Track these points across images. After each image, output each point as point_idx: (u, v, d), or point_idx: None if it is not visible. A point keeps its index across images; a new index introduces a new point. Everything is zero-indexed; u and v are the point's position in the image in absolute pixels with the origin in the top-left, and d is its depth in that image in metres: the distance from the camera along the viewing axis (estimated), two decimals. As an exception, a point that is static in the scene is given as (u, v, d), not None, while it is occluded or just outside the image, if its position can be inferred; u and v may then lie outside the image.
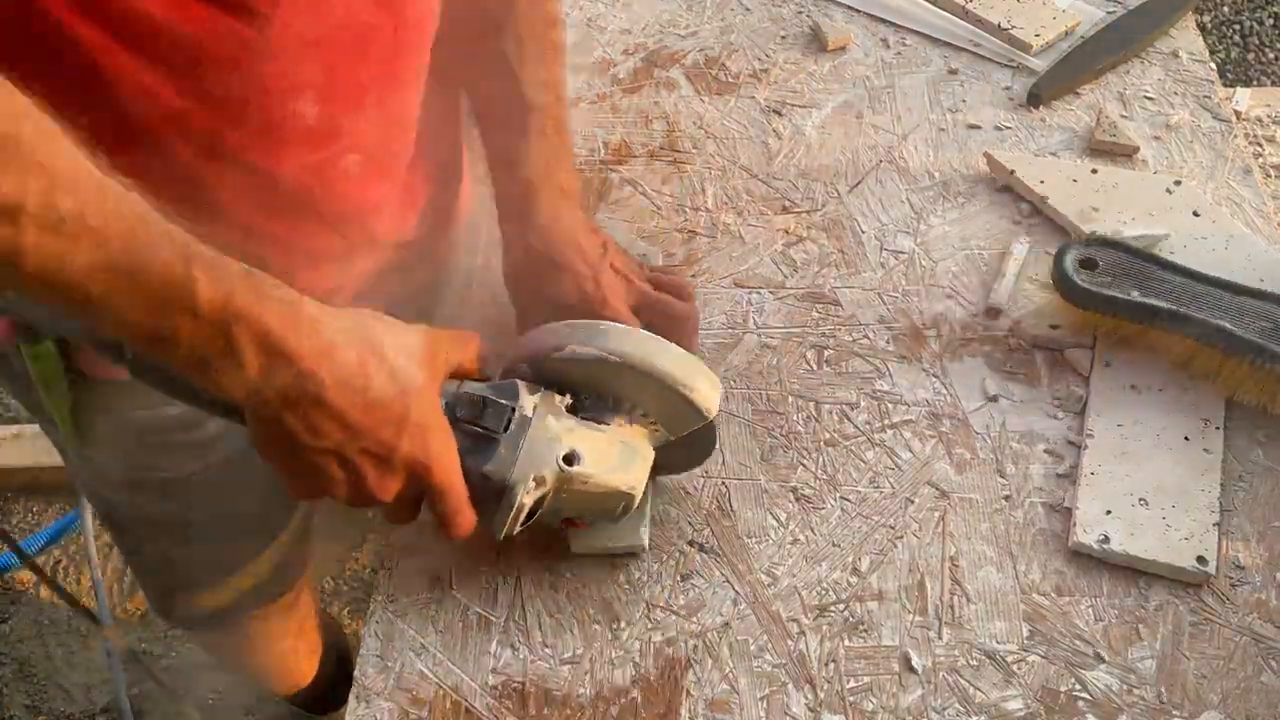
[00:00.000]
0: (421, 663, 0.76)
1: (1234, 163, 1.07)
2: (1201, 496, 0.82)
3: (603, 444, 0.73)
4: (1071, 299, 0.89)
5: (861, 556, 0.80)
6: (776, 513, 0.82)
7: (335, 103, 0.72)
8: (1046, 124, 1.12)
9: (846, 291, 0.97)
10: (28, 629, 1.74)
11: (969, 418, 0.88)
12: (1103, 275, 0.89)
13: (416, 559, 0.80)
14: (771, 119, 1.12)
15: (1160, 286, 0.89)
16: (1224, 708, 0.73)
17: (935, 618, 0.77)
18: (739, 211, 1.04)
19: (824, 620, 0.77)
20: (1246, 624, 0.77)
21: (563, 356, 0.72)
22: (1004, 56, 1.18)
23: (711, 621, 0.77)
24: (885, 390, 0.90)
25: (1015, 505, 0.83)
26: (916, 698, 0.74)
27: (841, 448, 0.86)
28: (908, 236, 1.01)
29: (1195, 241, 0.97)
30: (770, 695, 0.74)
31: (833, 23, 1.22)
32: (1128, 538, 0.79)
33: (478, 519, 0.70)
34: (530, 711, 0.73)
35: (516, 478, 0.69)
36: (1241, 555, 0.80)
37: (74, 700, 1.68)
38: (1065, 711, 0.73)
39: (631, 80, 1.17)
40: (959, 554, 0.80)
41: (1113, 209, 1.00)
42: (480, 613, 0.78)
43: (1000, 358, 0.92)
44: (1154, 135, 1.10)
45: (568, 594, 0.79)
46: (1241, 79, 2.63)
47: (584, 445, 0.71)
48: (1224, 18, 2.77)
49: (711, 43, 1.21)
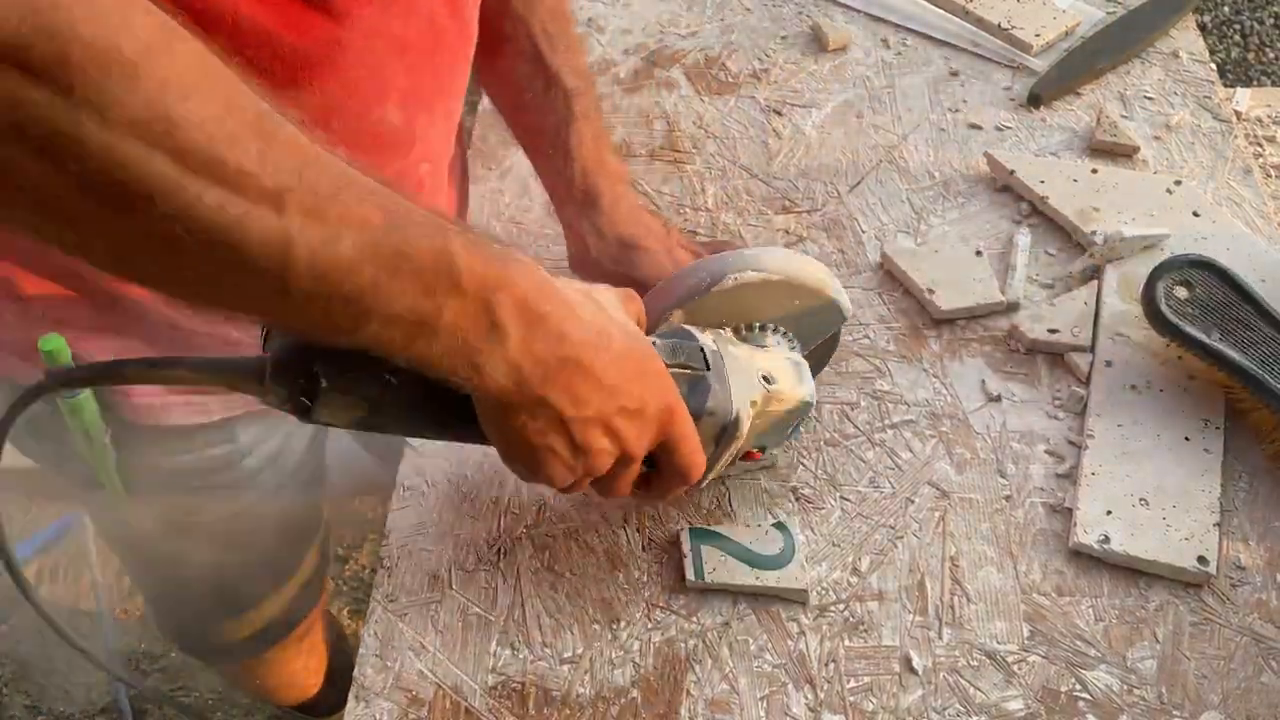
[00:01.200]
0: (421, 662, 0.76)
1: (1234, 163, 1.07)
2: (1202, 496, 0.82)
3: (778, 362, 0.74)
4: (1151, 320, 0.86)
5: (861, 556, 0.80)
6: (776, 512, 0.82)
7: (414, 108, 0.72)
8: (1047, 124, 1.12)
9: (846, 291, 0.96)
10: (28, 629, 1.74)
11: (969, 418, 0.88)
12: (1189, 305, 0.85)
13: (416, 559, 0.80)
14: (771, 119, 1.12)
15: (1245, 335, 0.85)
16: (1224, 708, 0.73)
17: (935, 618, 0.77)
18: (739, 211, 1.04)
19: (824, 620, 0.77)
20: (1247, 624, 0.77)
21: (724, 287, 0.73)
22: (1004, 57, 1.18)
23: (711, 621, 0.77)
24: (885, 390, 0.90)
25: (1016, 505, 0.83)
26: (917, 698, 0.74)
27: (841, 447, 0.86)
28: (908, 236, 1.01)
29: (1195, 242, 0.97)
30: (770, 695, 0.74)
31: (833, 23, 1.22)
32: (1128, 538, 0.79)
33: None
34: (530, 711, 0.73)
35: (738, 406, 0.69)
36: (1242, 555, 0.80)
37: (74, 700, 1.68)
38: (1065, 712, 0.73)
39: (632, 80, 1.17)
40: (959, 554, 0.80)
41: (1113, 209, 1.00)
42: (480, 613, 0.78)
43: (1000, 358, 0.92)
44: (1154, 135, 1.10)
45: (568, 594, 0.79)
46: (1241, 79, 2.63)
47: (768, 365, 0.73)
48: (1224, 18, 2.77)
49: (712, 43, 1.21)
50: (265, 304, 0.50)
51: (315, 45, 0.64)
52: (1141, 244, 0.97)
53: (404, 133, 0.73)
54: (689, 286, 0.73)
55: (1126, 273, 0.95)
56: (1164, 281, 0.86)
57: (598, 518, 0.82)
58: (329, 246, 0.48)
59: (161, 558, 1.00)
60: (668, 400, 0.64)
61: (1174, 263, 0.87)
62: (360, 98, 0.68)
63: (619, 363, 0.60)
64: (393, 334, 0.52)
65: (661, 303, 0.74)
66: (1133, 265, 0.96)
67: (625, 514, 0.82)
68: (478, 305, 0.53)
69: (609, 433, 0.62)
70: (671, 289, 0.74)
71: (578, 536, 0.81)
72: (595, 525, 0.82)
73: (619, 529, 0.82)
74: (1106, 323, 0.92)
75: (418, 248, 0.51)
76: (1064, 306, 0.94)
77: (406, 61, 0.70)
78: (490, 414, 0.59)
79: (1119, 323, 0.92)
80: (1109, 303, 0.93)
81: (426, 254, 0.51)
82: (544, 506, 0.83)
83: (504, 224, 1.03)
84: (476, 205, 1.04)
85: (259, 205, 0.45)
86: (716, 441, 0.70)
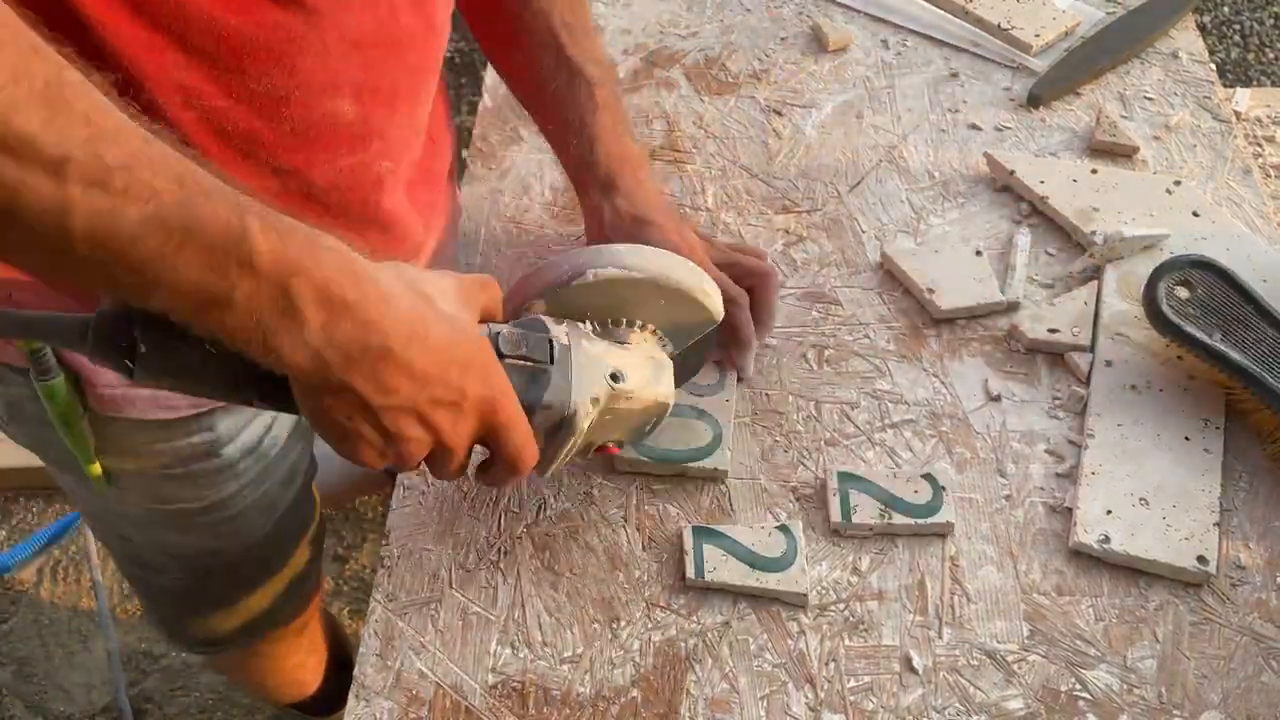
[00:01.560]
0: (421, 662, 0.76)
1: (1234, 163, 1.07)
2: (1202, 496, 0.82)
3: (634, 361, 0.74)
4: (1153, 321, 0.87)
5: (861, 556, 0.80)
6: (777, 512, 0.82)
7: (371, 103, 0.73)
8: (1046, 124, 1.12)
9: (846, 291, 0.97)
10: (28, 629, 1.74)
11: (969, 417, 0.88)
12: (1190, 306, 0.86)
13: (416, 559, 0.80)
14: (771, 119, 1.12)
15: (1246, 335, 0.85)
16: (1224, 708, 0.73)
17: (935, 617, 0.77)
18: (739, 211, 1.04)
19: (824, 620, 0.77)
20: (1247, 624, 0.77)
21: (584, 281, 0.72)
22: (1004, 57, 1.18)
23: (711, 621, 0.77)
24: (885, 390, 0.90)
25: (1015, 505, 0.83)
26: (917, 697, 0.74)
27: (842, 447, 0.86)
28: (908, 236, 1.01)
29: (1195, 242, 0.97)
30: (770, 695, 0.74)
31: (833, 23, 1.22)
32: (1128, 537, 0.79)
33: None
34: (530, 711, 0.73)
35: (577, 402, 0.69)
36: (1242, 555, 0.80)
37: (74, 700, 1.68)
38: (1065, 711, 0.73)
39: (632, 80, 1.17)
40: (959, 554, 0.80)
41: (1113, 209, 1.00)
42: (480, 612, 0.78)
43: (1000, 357, 0.92)
44: (1154, 135, 1.10)
45: (568, 593, 0.79)
46: (1241, 79, 2.63)
47: (621, 363, 0.72)
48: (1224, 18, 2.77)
49: (711, 43, 1.21)
50: (48, 262, 0.51)
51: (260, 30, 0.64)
52: (1141, 244, 0.97)
53: (359, 127, 0.73)
54: (550, 278, 0.73)
55: (1126, 273, 0.95)
56: (1165, 282, 0.86)
57: (598, 517, 0.82)
58: (109, 216, 0.48)
59: (144, 544, 1.00)
60: (490, 391, 0.63)
61: (1175, 263, 0.87)
62: (309, 88, 0.68)
63: (434, 353, 0.60)
64: (183, 304, 0.53)
65: (524, 291, 0.74)
66: (1132, 265, 0.96)
67: (625, 514, 0.82)
68: (272, 286, 0.53)
69: (421, 421, 0.61)
70: (535, 279, 0.74)
71: (578, 536, 0.81)
72: (595, 525, 0.82)
73: (619, 529, 0.82)
74: (1106, 323, 0.92)
75: (209, 224, 0.51)
76: (1064, 306, 0.94)
77: (363, 56, 0.70)
78: (299, 391, 0.59)
79: (1119, 323, 0.92)
80: (1109, 303, 0.93)
81: (218, 231, 0.51)
82: (544, 506, 0.83)
83: (504, 224, 1.03)
84: (476, 205, 1.04)
85: (37, 172, 0.46)
86: (554, 434, 0.70)
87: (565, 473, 0.84)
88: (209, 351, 0.57)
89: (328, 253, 0.56)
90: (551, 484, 0.84)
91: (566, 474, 0.84)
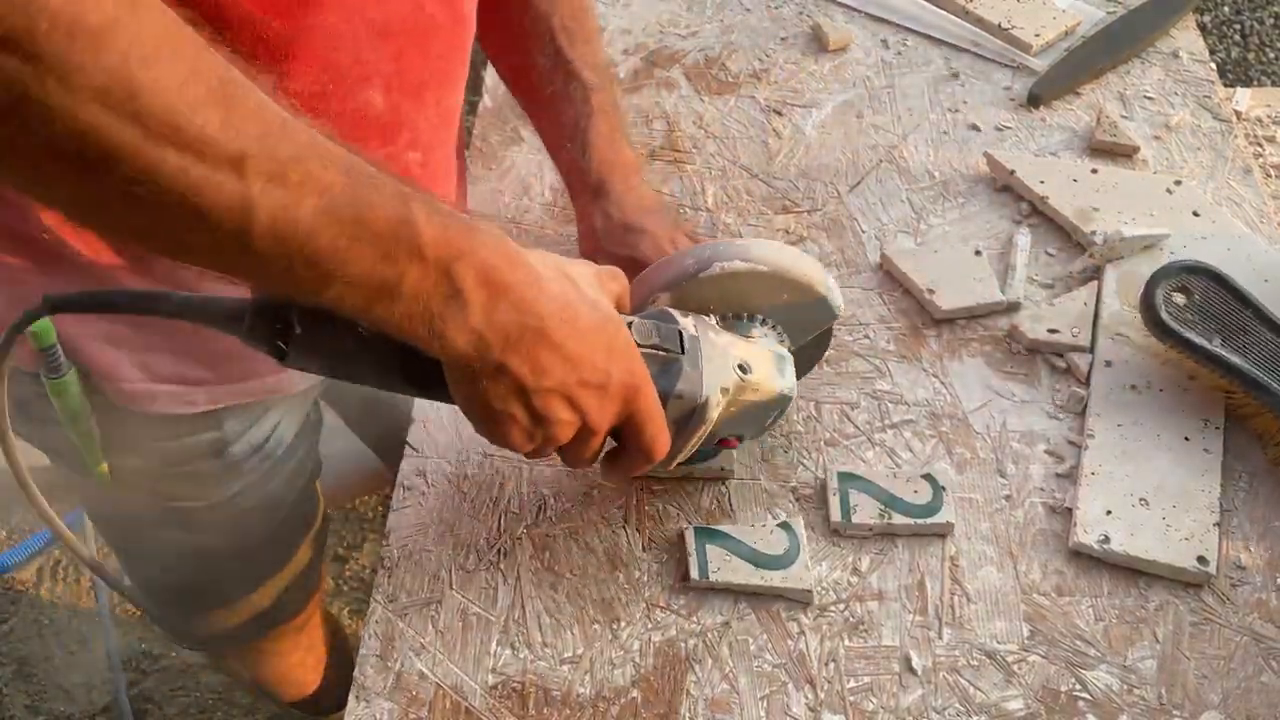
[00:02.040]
0: (421, 663, 0.76)
1: (1234, 163, 1.07)
2: (1202, 496, 0.82)
3: (759, 353, 0.75)
4: (1151, 328, 0.86)
5: (861, 556, 0.80)
6: (776, 512, 0.82)
7: (400, 93, 0.73)
8: (1046, 124, 1.12)
9: (846, 291, 0.97)
10: (28, 629, 1.74)
11: (969, 418, 0.88)
12: (1188, 311, 0.86)
13: (416, 559, 0.80)
14: (771, 119, 1.12)
15: (1245, 340, 0.85)
16: (1224, 708, 0.73)
17: (935, 618, 0.77)
18: (739, 211, 1.04)
19: (824, 620, 0.77)
20: (1247, 624, 0.77)
21: (711, 274, 0.73)
22: (1004, 57, 1.18)
23: (711, 621, 0.77)
24: (885, 390, 0.90)
25: (1015, 505, 0.83)
26: (917, 698, 0.74)
27: (841, 447, 0.86)
28: (908, 236, 1.01)
29: (1195, 242, 0.97)
30: (770, 695, 0.74)
31: (833, 23, 1.22)
32: (1128, 538, 0.79)
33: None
34: (530, 711, 0.73)
35: (708, 392, 0.70)
36: (1242, 555, 0.80)
37: (74, 700, 1.68)
38: (1065, 711, 0.73)
39: (632, 80, 1.17)
40: (959, 554, 0.80)
41: (1113, 209, 1.00)
42: (480, 613, 0.78)
43: (1000, 358, 0.92)
44: (1154, 135, 1.10)
45: (568, 594, 0.79)
46: (1241, 79, 2.63)
47: (747, 355, 0.73)
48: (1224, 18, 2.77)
49: (711, 43, 1.21)
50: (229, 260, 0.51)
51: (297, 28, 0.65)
52: (1141, 244, 0.97)
53: (389, 117, 0.74)
54: (677, 271, 0.74)
55: (1126, 273, 0.95)
56: (1162, 288, 0.86)
57: (598, 518, 0.82)
58: (289, 211, 0.49)
59: (147, 541, 1.00)
60: (633, 377, 0.65)
61: (1171, 269, 0.87)
62: (342, 81, 0.69)
63: (584, 336, 0.61)
64: (355, 297, 0.53)
65: (649, 284, 0.75)
66: (1132, 265, 0.96)
67: (625, 514, 0.82)
68: (439, 272, 0.54)
69: (570, 404, 0.62)
70: (660, 272, 0.75)
71: (578, 536, 0.81)
72: (595, 525, 0.82)
73: (619, 529, 0.82)
74: (1106, 323, 0.92)
75: (378, 214, 0.52)
76: (1064, 306, 0.94)
77: (391, 46, 0.71)
78: (454, 377, 0.60)
79: (1119, 323, 0.92)
80: (1109, 303, 0.93)
81: (387, 220, 0.52)
82: (544, 506, 0.83)
83: (504, 224, 1.03)
84: (477, 205, 1.04)
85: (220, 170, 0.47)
86: (684, 424, 0.71)
87: (565, 473, 0.84)
88: (362, 336, 0.59)
89: (484, 235, 0.57)
90: (551, 484, 0.84)
91: (566, 474, 0.84)
